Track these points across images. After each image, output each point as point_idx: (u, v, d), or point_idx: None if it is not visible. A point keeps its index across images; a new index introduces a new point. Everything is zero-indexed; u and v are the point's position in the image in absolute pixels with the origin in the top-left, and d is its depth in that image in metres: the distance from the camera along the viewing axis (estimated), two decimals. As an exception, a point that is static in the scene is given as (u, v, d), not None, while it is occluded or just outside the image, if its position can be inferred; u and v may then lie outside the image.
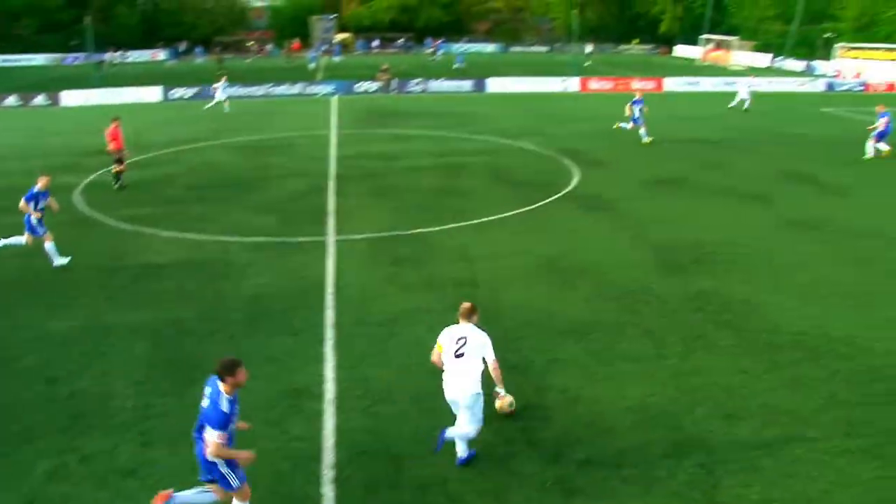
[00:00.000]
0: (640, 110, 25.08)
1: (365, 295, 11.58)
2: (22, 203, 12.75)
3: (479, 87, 42.11)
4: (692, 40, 78.71)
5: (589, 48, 68.37)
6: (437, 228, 15.03)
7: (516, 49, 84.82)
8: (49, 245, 12.93)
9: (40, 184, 12.85)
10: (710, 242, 14.04)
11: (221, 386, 5.83)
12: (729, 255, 13.34)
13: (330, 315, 10.82)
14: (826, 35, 67.50)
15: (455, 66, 55.48)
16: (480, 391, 6.97)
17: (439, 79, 42.50)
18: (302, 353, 9.69)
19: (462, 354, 6.92)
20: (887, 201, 17.38)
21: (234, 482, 5.99)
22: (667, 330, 10.28)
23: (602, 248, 13.76)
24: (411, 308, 11.06)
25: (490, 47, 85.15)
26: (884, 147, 22.85)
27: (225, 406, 5.76)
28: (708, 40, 71.66)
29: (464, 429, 7.04)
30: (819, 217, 15.90)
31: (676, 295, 11.52)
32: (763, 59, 67.32)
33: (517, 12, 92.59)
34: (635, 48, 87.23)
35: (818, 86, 46.52)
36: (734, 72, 57.02)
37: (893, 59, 53.59)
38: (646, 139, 24.86)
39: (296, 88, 40.62)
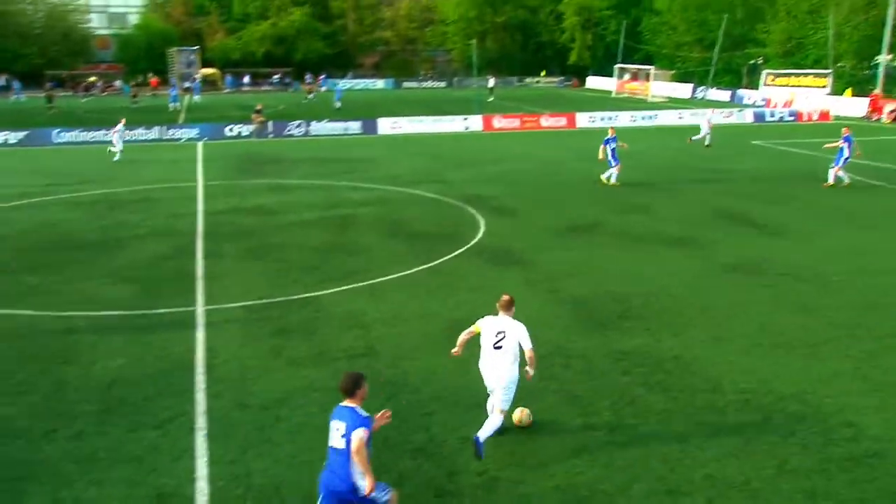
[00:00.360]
0: (614, 150, 26.03)
1: (244, 373, 11.36)
2: None
3: (369, 128, 42.75)
4: (606, 71, 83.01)
5: (491, 82, 70.82)
6: (326, 292, 14.99)
7: (410, 84, 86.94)
8: None
9: None
10: (637, 294, 14.63)
11: (351, 402, 6.91)
12: (658, 308, 13.93)
13: (202, 400, 10.53)
14: (752, 61, 72.81)
15: (335, 105, 56.21)
16: (517, 375, 8.92)
17: (322, 120, 42.88)
18: (168, 448, 9.36)
19: (500, 347, 8.79)
20: (827, 241, 18.73)
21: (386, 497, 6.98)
22: (593, 396, 10.56)
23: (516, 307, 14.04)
24: (300, 386, 10.93)
25: (380, 83, 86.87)
26: (846, 178, 25.31)
27: (364, 413, 6.84)
28: (623, 70, 75.64)
29: (494, 422, 8.89)
30: (756, 260, 16.90)
31: (601, 355, 11.89)
32: (684, 90, 71.72)
33: (409, 44, 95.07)
34: (543, 81, 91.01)
35: (746, 116, 49.84)
36: (654, 104, 60.37)
37: (824, 86, 58.28)
38: (614, 181, 25.94)
39: (153, 133, 39.98)
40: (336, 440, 6.84)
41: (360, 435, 6.71)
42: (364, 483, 6.78)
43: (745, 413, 10.08)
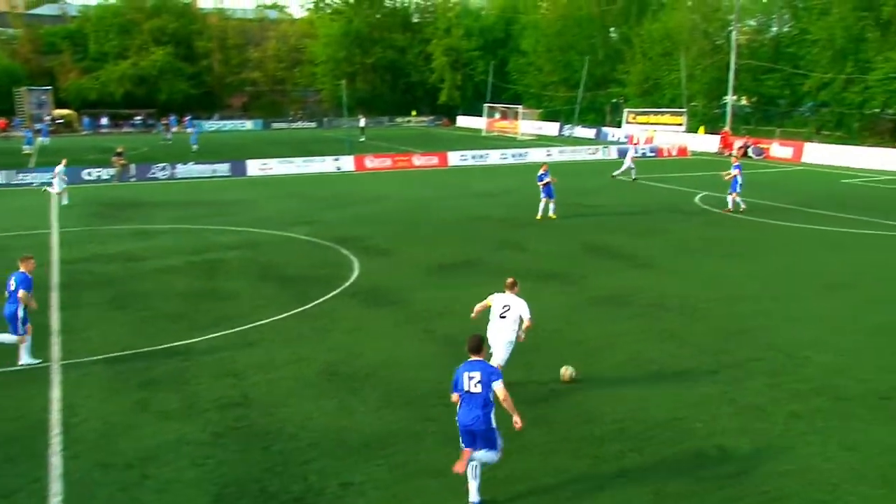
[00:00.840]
0: (548, 184, 27.32)
1: (107, 431, 10.74)
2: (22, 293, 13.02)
3: (238, 170, 41.94)
4: (476, 110, 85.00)
5: (362, 122, 71.15)
6: (196, 340, 14.47)
7: (279, 125, 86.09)
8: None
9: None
10: (514, 329, 14.86)
11: (478, 357, 8.77)
12: (533, 342, 14.14)
13: (57, 463, 9.86)
14: (614, 100, 76.42)
15: (192, 147, 55.02)
16: (514, 340, 11.57)
17: (188, 162, 41.77)
18: (19, 519, 8.69)
19: (505, 317, 11.49)
20: (692, 271, 19.68)
21: (500, 441, 8.96)
22: (475, 433, 10.59)
23: (390, 348, 14.01)
24: (169, 441, 10.43)
25: (248, 124, 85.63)
26: (742, 204, 28.29)
27: (493, 366, 8.93)
28: (492, 109, 77.70)
29: (499, 356, 11.52)
30: (626, 292, 17.52)
31: (482, 392, 11.94)
32: (552, 128, 74.32)
33: (277, 84, 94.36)
34: (414, 121, 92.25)
35: (611, 153, 52.05)
36: (524, 142, 62.20)
37: (680, 124, 61.92)
38: (551, 213, 27.32)
39: (0, 177, 37.80)
40: (472, 387, 8.70)
41: (500, 385, 8.63)
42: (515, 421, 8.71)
43: (621, 442, 10.34)
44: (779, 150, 51.17)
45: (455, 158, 47.28)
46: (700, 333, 14.60)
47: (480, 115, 79.84)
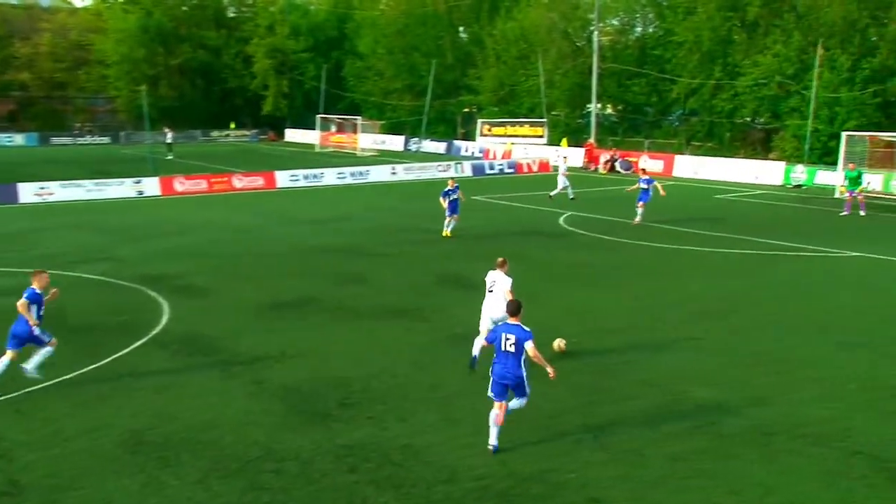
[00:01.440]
0: (454, 201, 29.71)
1: None
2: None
3: (7, 196, 39.72)
4: (307, 122, 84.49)
5: (169, 137, 69.05)
6: (-43, 411, 13.53)
7: (61, 140, 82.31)
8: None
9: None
10: (357, 378, 14.81)
11: (515, 320, 11.93)
12: (382, 391, 14.18)
13: None
14: (466, 110, 77.98)
15: None
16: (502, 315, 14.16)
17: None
18: None
19: (492, 291, 15.26)
20: (558, 300, 20.29)
21: (529, 389, 11.99)
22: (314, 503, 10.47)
23: (211, 406, 13.63)
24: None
25: (18, 138, 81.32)
26: (638, 216, 31.95)
27: (527, 329, 11.82)
28: (326, 121, 77.36)
29: (479, 341, 15.01)
30: (482, 328, 17.83)
31: (321, 453, 11.81)
32: (397, 142, 75.09)
33: (56, 89, 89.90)
34: (234, 135, 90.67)
35: (464, 169, 53.22)
36: (365, 159, 62.50)
37: (541, 136, 63.94)
38: (447, 230, 29.81)
39: None
40: (508, 347, 11.82)
41: (531, 345, 11.74)
42: (549, 372, 11.85)
43: (484, 502, 10.48)
44: (648, 163, 53.93)
45: (284, 179, 46.90)
46: (567, 371, 15.04)
47: (313, 128, 79.35)
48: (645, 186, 32.16)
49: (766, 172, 49.83)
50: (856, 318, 19.25)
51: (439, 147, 71.07)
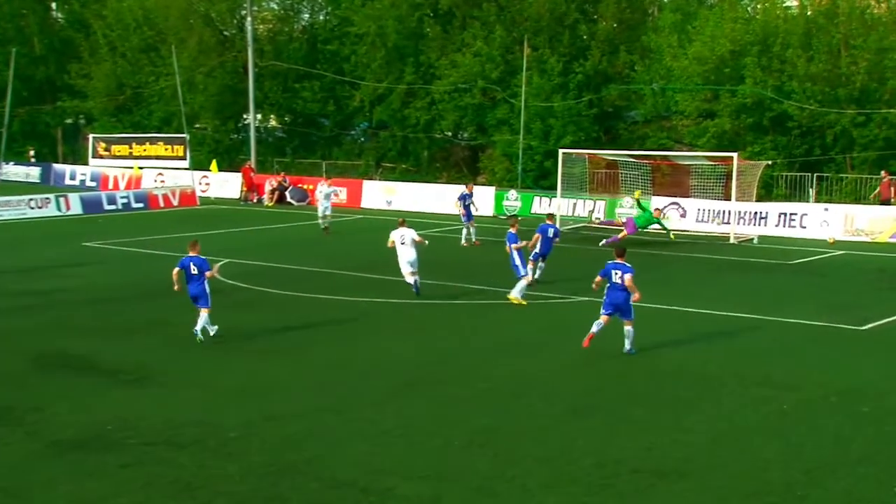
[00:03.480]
0: (469, 206, 39.23)
1: None
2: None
3: None
4: None
5: None
6: None
7: None
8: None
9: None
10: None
11: (622, 260, 21.69)
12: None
13: None
14: (69, 121, 74.60)
15: None
16: (415, 258, 28.34)
17: None
18: None
19: (405, 243, 28.12)
20: (214, 378, 19.86)
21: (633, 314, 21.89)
22: None
23: None
24: None
25: None
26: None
27: (629, 265, 21.78)
28: None
29: (414, 279, 28.51)
30: (111, 426, 16.90)
31: None
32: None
33: None
34: None
35: (71, 205, 51.68)
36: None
37: (181, 157, 60.87)
38: (473, 239, 38.52)
39: None
40: (617, 279, 21.13)
41: (630, 277, 21.04)
42: (634, 297, 21.23)
43: None
44: (326, 189, 54.68)
45: None
46: (236, 477, 14.58)
47: None
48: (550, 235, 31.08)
49: (475, 201, 51.80)
50: (587, 374, 20.55)
51: (31, 172, 67.97)
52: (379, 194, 55.18)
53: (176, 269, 22.75)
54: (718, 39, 48.60)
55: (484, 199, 50.20)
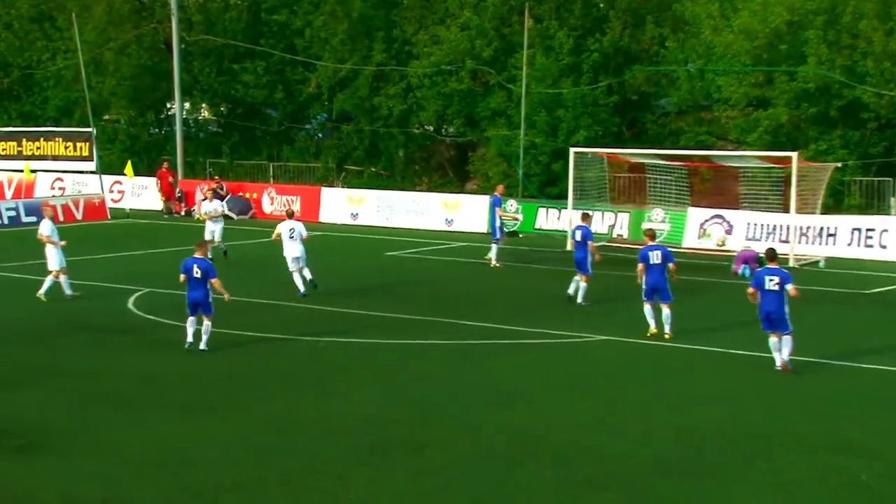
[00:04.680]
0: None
1: None
2: None
3: None
4: None
5: None
6: None
7: None
8: None
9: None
10: None
11: (775, 265, 24.51)
12: None
13: None
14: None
15: None
16: (301, 254, 34.21)
17: None
18: None
19: (293, 237, 34.05)
20: (122, 441, 19.51)
21: (790, 325, 24.36)
22: None
23: None
24: None
25: None
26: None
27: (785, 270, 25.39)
28: None
29: (306, 274, 34.26)
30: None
31: None
32: None
33: None
34: None
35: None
36: None
37: (86, 157, 60.71)
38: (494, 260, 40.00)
39: None
40: (772, 286, 23.53)
41: (792, 285, 23.52)
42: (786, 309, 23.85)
43: None
44: (278, 200, 54.45)
45: None
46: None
47: None
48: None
49: (463, 213, 52.11)
50: (605, 434, 20.16)
51: None
52: (342, 205, 54.98)
53: (182, 276, 25.97)
54: (772, 8, 47.78)
55: (475, 213, 50.20)
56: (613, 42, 54.46)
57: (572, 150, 46.76)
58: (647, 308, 27.58)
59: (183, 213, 57.18)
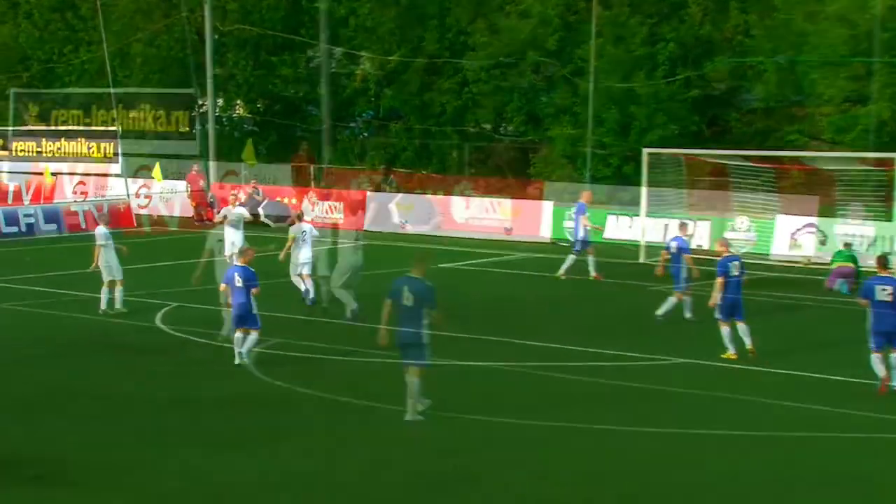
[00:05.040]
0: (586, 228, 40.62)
1: None
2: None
3: None
4: None
5: None
6: None
7: None
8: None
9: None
10: None
11: (887, 272, 25.26)
12: None
13: None
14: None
15: None
16: (311, 255, 35.28)
17: None
18: None
19: (305, 240, 35.65)
20: (149, 476, 18.88)
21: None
22: None
23: None
24: None
25: None
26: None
27: None
28: None
29: (308, 285, 34.86)
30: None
31: None
32: None
33: None
34: None
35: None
36: None
37: (111, 158, 61.31)
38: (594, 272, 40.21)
39: None
40: (885, 297, 23.65)
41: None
42: None
43: None
44: (319, 206, 53.89)
45: None
46: None
47: None
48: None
49: (523, 219, 51.52)
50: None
51: None
52: (390, 211, 54.30)
53: (222, 286, 26.89)
54: (873, -9, 47.44)
55: (536, 219, 49.96)
56: (692, 30, 54.16)
57: (645, 151, 46.44)
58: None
59: (215, 220, 56.66)
